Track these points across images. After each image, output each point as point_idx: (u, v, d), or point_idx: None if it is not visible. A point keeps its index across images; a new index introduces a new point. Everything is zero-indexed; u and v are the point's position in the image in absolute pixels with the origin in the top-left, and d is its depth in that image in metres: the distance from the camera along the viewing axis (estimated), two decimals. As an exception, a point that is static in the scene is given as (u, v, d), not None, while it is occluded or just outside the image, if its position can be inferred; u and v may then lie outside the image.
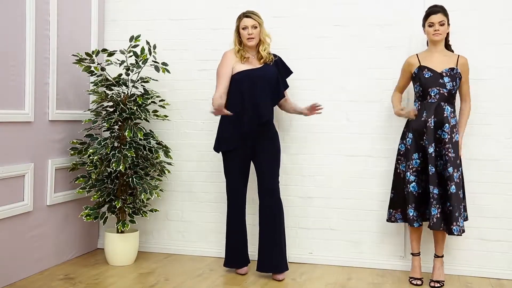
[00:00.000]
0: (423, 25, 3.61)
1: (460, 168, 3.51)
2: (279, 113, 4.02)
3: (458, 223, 3.41)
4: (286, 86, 3.81)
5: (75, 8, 4.08)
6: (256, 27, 3.64)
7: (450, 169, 3.44)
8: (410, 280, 3.64)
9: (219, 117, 3.76)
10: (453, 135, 3.49)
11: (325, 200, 4.08)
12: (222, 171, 3.81)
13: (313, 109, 3.69)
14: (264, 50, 3.67)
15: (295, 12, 4.10)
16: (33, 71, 3.61)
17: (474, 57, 3.81)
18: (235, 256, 3.78)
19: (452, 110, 3.55)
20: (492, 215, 3.82)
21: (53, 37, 3.81)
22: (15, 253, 3.53)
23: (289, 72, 3.81)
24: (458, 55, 3.59)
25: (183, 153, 4.32)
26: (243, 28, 3.64)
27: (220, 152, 3.75)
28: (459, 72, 3.55)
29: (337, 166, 4.06)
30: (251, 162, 3.75)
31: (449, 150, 3.46)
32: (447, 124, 3.49)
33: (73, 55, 3.88)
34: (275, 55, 3.75)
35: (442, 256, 3.64)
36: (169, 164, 4.15)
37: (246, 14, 3.65)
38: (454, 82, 3.53)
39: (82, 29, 4.17)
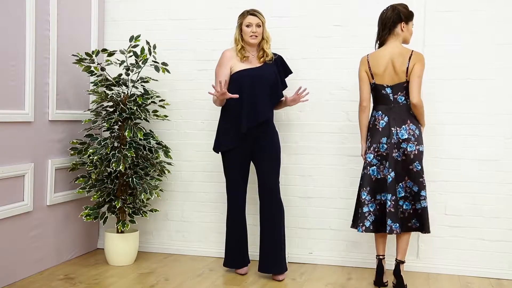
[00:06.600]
0: None
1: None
2: (278, 113, 4.02)
3: None
4: (285, 87, 3.79)
5: (75, 8, 4.08)
6: (259, 26, 3.63)
7: None
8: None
9: (218, 117, 3.77)
10: None
11: (325, 200, 4.08)
12: (222, 171, 3.81)
13: (298, 96, 3.67)
14: (268, 48, 3.68)
15: (295, 12, 4.10)
16: (33, 71, 3.61)
17: (474, 57, 3.81)
18: (234, 256, 3.78)
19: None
20: (492, 215, 3.82)
21: (53, 37, 3.81)
22: (15, 253, 3.53)
23: (288, 72, 3.79)
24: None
25: (183, 153, 4.32)
26: (247, 26, 3.62)
27: (220, 152, 3.75)
28: None
29: (337, 166, 4.06)
30: (251, 162, 3.75)
31: None
32: None
33: (73, 55, 3.88)
34: (275, 54, 3.74)
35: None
36: (169, 164, 4.15)
37: (251, 12, 3.64)
38: None
39: (82, 29, 4.17)
